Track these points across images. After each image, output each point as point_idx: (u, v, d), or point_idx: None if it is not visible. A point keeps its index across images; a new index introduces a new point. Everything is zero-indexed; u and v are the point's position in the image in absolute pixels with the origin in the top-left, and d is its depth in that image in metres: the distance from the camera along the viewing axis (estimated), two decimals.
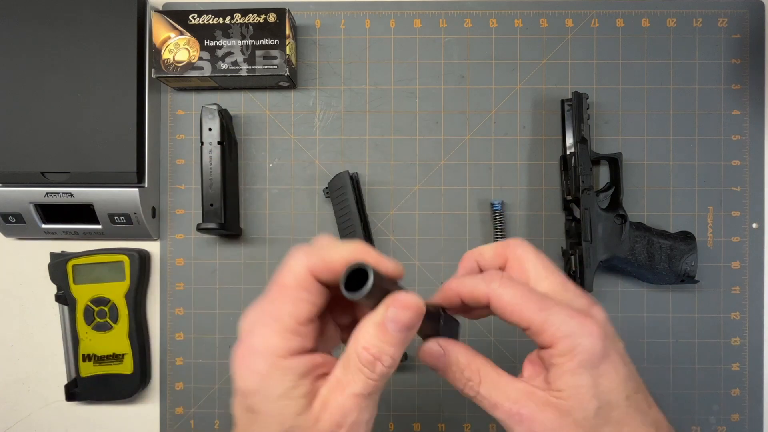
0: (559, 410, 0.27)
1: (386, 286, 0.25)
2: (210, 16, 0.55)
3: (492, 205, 0.57)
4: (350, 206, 0.47)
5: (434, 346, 0.29)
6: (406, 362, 0.40)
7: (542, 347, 0.28)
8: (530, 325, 0.27)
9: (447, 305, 0.31)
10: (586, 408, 0.26)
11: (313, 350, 0.27)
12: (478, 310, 0.31)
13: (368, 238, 0.54)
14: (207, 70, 0.54)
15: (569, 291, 0.29)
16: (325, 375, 0.27)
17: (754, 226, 0.58)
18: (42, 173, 0.55)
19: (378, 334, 0.25)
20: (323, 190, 0.54)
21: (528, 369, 0.29)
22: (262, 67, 0.54)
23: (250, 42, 0.54)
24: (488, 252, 0.31)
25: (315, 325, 0.27)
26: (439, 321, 0.30)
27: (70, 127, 0.54)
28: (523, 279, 0.29)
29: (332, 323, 0.30)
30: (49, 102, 0.54)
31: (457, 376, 0.29)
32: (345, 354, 0.27)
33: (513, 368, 0.29)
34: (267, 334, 0.26)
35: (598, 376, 0.27)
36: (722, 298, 0.58)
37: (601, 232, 0.54)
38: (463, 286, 0.29)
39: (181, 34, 0.55)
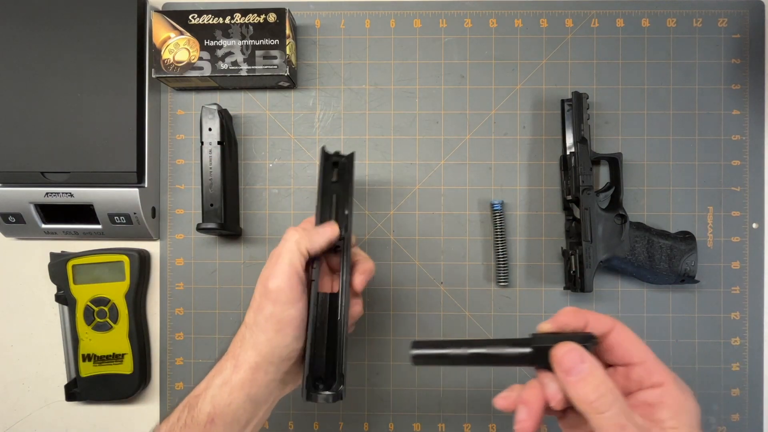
0: None
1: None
2: (210, 16, 0.55)
3: (492, 205, 0.57)
4: (319, 183, 0.48)
5: (575, 352, 0.31)
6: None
7: (650, 386, 0.31)
8: (647, 359, 0.32)
9: (567, 325, 0.33)
10: None
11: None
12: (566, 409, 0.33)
13: (333, 216, 0.49)
14: (207, 70, 0.54)
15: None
16: None
17: (754, 226, 0.58)
18: (42, 173, 0.55)
19: (307, 225, 0.44)
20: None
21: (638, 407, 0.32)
22: (262, 67, 0.54)
23: (250, 42, 0.54)
24: (598, 319, 0.33)
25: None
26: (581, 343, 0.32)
27: (70, 127, 0.54)
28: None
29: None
30: (49, 102, 0.54)
31: (591, 388, 0.30)
32: None
33: None
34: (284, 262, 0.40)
35: (698, 427, 0.31)
36: (722, 298, 0.58)
37: (601, 232, 0.54)
38: (590, 313, 0.33)
39: (181, 34, 0.55)
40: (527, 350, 0.32)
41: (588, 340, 0.32)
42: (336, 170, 0.48)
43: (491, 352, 0.34)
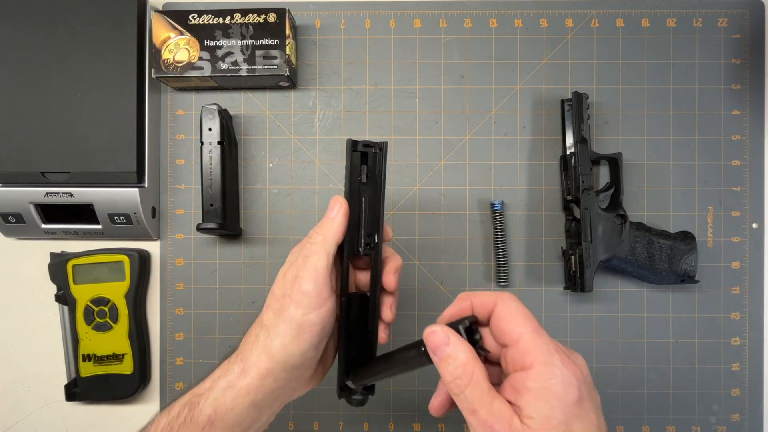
0: None
1: None
2: (210, 16, 0.55)
3: (492, 205, 0.57)
4: (345, 174, 0.41)
5: (440, 333, 0.31)
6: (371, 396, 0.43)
7: (521, 368, 0.29)
8: (520, 339, 0.30)
9: (456, 311, 0.34)
10: None
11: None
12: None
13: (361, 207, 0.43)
14: (207, 70, 0.54)
15: (552, 341, 0.31)
16: None
17: (754, 226, 0.58)
18: (42, 173, 0.55)
19: (323, 219, 0.38)
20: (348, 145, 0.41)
21: (506, 391, 0.30)
22: (262, 67, 0.54)
23: (250, 42, 0.54)
24: (480, 297, 0.33)
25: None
26: (458, 329, 0.32)
27: (70, 127, 0.54)
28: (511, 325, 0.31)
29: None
30: (49, 102, 0.54)
31: (450, 368, 0.30)
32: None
33: None
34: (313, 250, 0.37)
35: (571, 415, 0.28)
36: (722, 298, 0.58)
37: (601, 232, 0.54)
38: (475, 294, 0.33)
39: (181, 34, 0.55)
40: (421, 349, 0.32)
41: (472, 323, 0.32)
42: (365, 166, 0.42)
43: (391, 365, 0.36)
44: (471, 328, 0.32)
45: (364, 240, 0.40)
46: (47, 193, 0.55)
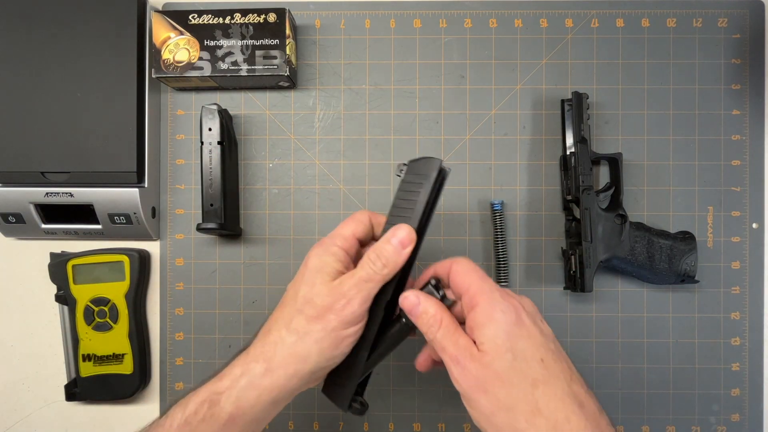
0: (481, 362, 0.34)
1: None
2: (210, 16, 0.55)
3: (492, 205, 0.57)
4: (418, 203, 0.39)
5: (412, 296, 0.38)
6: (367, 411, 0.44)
7: (471, 309, 0.36)
8: (470, 286, 0.36)
9: (425, 279, 0.40)
10: (503, 358, 0.34)
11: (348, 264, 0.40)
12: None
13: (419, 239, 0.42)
14: (207, 70, 0.54)
15: (495, 285, 0.38)
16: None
17: (754, 226, 0.58)
18: (42, 173, 0.55)
19: (384, 244, 0.38)
20: (398, 166, 0.41)
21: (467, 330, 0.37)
22: (262, 67, 0.54)
23: (250, 42, 0.54)
24: (440, 263, 0.40)
25: (352, 255, 0.41)
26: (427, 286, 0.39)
27: (70, 127, 0.54)
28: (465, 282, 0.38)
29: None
30: (49, 102, 0.54)
31: (424, 320, 0.37)
32: (361, 260, 0.39)
33: None
34: (329, 240, 0.40)
35: (513, 336, 0.34)
36: (722, 298, 0.58)
37: (601, 232, 0.54)
38: (436, 264, 0.41)
39: (181, 34, 0.55)
40: (402, 319, 0.40)
41: (437, 282, 0.39)
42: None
43: (381, 346, 0.40)
44: (437, 286, 0.39)
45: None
46: (47, 193, 0.55)
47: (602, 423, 0.34)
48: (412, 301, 0.38)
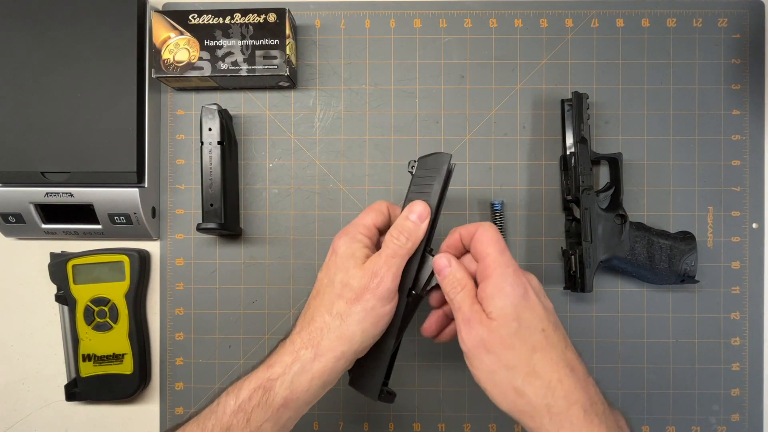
0: (489, 327, 0.38)
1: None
2: (210, 16, 0.55)
3: (492, 205, 0.57)
4: (431, 195, 0.43)
5: (444, 258, 0.42)
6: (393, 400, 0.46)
7: (484, 279, 0.39)
8: (487, 256, 0.40)
9: (449, 242, 0.44)
10: (509, 326, 0.38)
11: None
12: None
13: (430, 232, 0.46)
14: (207, 70, 0.54)
15: (512, 260, 0.41)
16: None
17: (754, 226, 0.58)
18: (42, 173, 0.55)
19: (403, 221, 0.42)
20: (409, 163, 0.45)
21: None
22: (262, 67, 0.54)
23: (250, 42, 0.54)
24: (466, 227, 0.43)
25: (374, 242, 0.44)
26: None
27: (70, 127, 0.54)
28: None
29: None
30: (49, 102, 0.54)
31: (450, 281, 0.41)
32: (384, 240, 0.42)
33: None
34: (353, 228, 0.44)
35: (519, 308, 0.38)
36: (722, 298, 0.58)
37: (601, 232, 0.54)
38: (461, 227, 0.44)
39: (181, 34, 0.55)
40: (412, 294, 0.43)
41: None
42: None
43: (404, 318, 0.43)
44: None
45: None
46: (47, 193, 0.55)
47: (589, 384, 0.38)
48: (443, 262, 0.42)
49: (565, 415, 0.36)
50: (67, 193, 0.55)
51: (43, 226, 0.57)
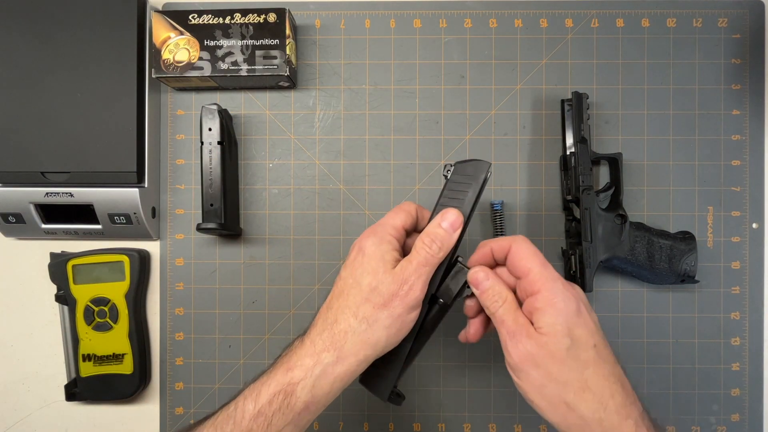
0: (537, 342, 0.37)
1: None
2: (210, 16, 0.55)
3: (492, 205, 0.57)
4: (464, 203, 0.42)
5: (481, 272, 0.42)
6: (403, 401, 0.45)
7: (531, 294, 0.39)
8: (531, 270, 0.39)
9: (480, 256, 0.43)
10: (560, 342, 0.37)
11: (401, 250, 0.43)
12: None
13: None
14: (207, 70, 0.54)
15: (555, 272, 0.40)
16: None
17: (754, 226, 0.58)
18: (42, 173, 0.55)
19: (435, 228, 0.41)
20: (445, 166, 0.44)
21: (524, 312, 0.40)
22: (262, 67, 0.54)
23: (250, 42, 0.54)
24: (498, 241, 0.43)
25: (402, 244, 0.43)
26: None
27: (70, 127, 0.54)
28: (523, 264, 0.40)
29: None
30: (49, 102, 0.54)
31: (489, 295, 0.40)
32: (414, 246, 0.41)
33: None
34: (382, 229, 0.42)
35: (572, 324, 0.37)
36: (722, 298, 0.58)
37: (601, 232, 0.54)
38: (492, 240, 0.43)
39: (181, 34, 0.55)
40: (439, 302, 0.43)
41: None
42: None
43: (422, 334, 0.43)
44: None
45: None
46: (47, 193, 0.55)
47: (636, 399, 0.38)
48: (481, 276, 0.41)
49: (617, 430, 0.36)
50: (67, 193, 0.55)
51: (43, 226, 0.57)
